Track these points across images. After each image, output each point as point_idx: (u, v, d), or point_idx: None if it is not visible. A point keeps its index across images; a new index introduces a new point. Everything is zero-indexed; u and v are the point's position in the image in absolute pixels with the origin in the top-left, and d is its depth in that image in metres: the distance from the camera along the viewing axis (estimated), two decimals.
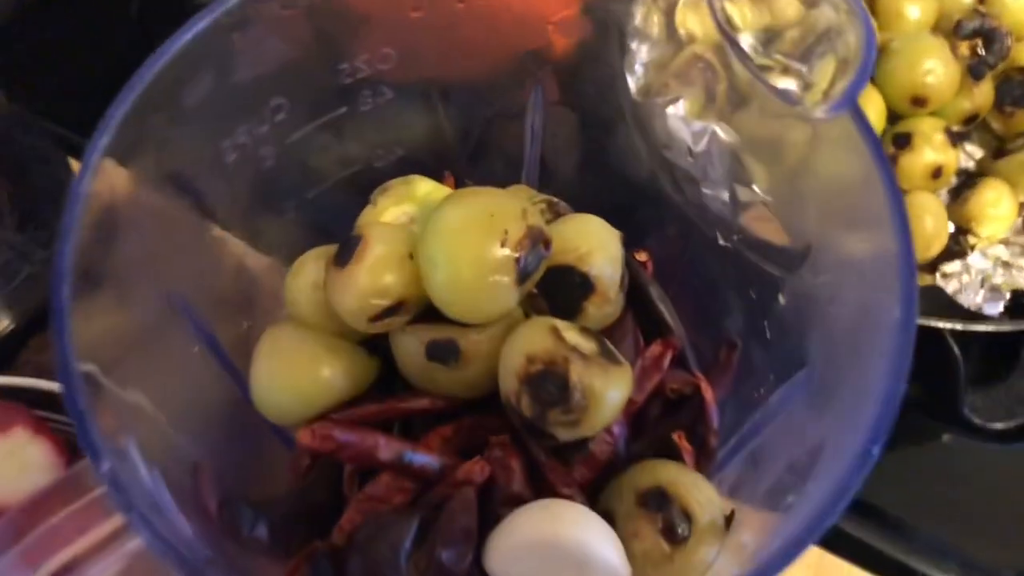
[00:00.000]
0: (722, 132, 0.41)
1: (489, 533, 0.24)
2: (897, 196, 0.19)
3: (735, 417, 0.26)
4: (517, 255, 0.23)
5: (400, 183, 0.27)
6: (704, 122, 0.41)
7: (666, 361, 0.27)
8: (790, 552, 0.15)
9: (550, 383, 0.23)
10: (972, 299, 0.45)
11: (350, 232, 0.25)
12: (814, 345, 0.22)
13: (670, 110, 0.32)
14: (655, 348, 0.27)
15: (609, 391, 0.24)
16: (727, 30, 0.22)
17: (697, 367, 0.28)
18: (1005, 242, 0.49)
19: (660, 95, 0.32)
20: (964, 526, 0.46)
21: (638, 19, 0.31)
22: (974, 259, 0.48)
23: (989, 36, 0.50)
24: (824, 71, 0.22)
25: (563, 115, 0.28)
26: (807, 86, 0.22)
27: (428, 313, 0.25)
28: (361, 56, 0.24)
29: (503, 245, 0.23)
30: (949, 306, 0.42)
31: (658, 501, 0.24)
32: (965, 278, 0.47)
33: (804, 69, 0.22)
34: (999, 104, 0.50)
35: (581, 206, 0.28)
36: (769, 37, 0.23)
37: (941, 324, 0.42)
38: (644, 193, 0.28)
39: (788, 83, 0.22)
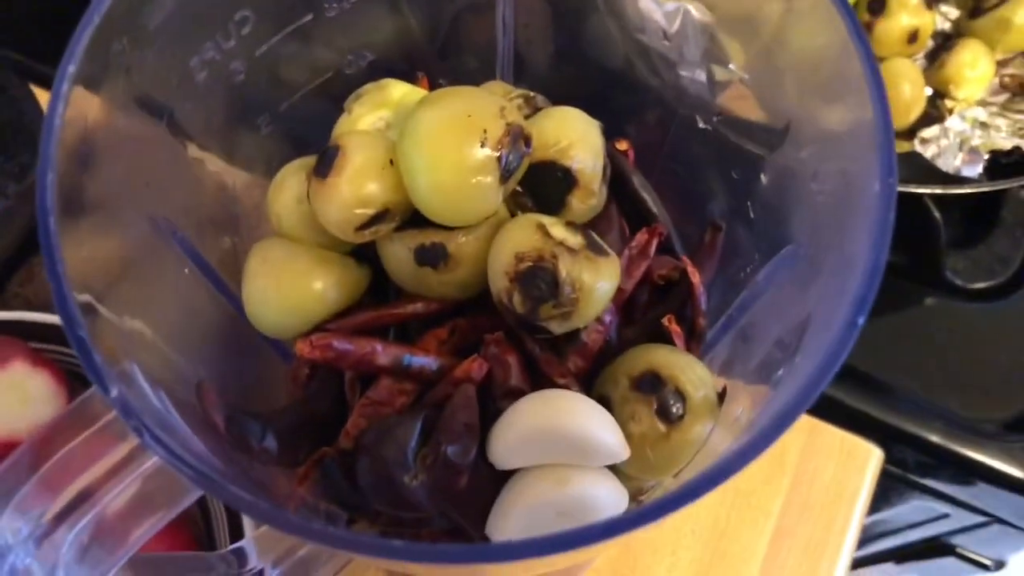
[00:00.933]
0: (695, 11, 0.40)
1: (491, 427, 0.24)
2: (873, 65, 0.19)
3: (723, 297, 0.26)
4: (498, 154, 0.23)
5: (374, 88, 0.27)
6: (677, 2, 0.40)
7: (652, 248, 0.27)
8: (782, 423, 0.16)
9: (540, 279, 0.24)
10: (951, 163, 0.45)
11: (327, 142, 0.25)
12: (798, 221, 0.22)
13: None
14: (641, 236, 0.27)
15: (598, 282, 0.24)
16: None
17: (684, 251, 0.28)
18: (983, 103, 0.49)
19: None
20: (947, 385, 0.47)
21: None
22: (952, 122, 0.48)
23: None
24: None
25: (534, 4, 0.27)
26: None
27: (414, 218, 0.25)
28: None
29: (483, 145, 0.23)
30: (928, 171, 0.43)
31: (652, 383, 0.24)
32: (944, 142, 0.47)
33: None
34: None
35: (558, 98, 0.28)
36: None
37: (921, 190, 0.42)
38: (621, 80, 0.28)
39: None
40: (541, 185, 0.26)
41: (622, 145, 0.29)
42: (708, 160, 0.27)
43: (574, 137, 0.26)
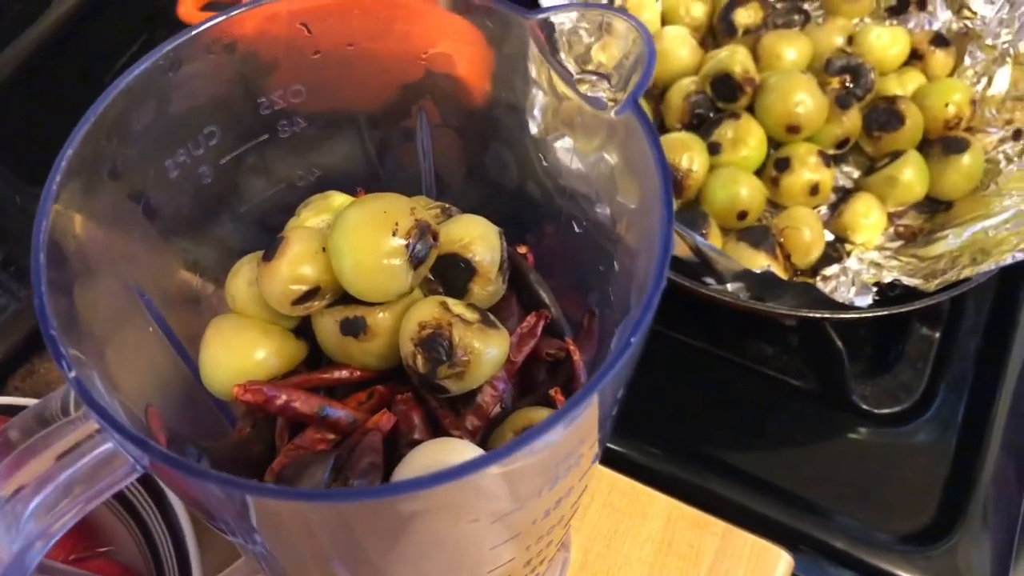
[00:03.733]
0: (608, 157, 0.47)
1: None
2: (666, 172, 0.24)
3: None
4: (407, 242, 0.29)
5: (319, 197, 0.33)
6: (597, 152, 0.47)
7: (539, 329, 0.32)
8: (555, 419, 0.20)
9: (438, 343, 0.29)
10: (845, 295, 0.51)
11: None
12: (632, 294, 0.27)
13: (559, 144, 0.37)
14: (530, 319, 0.32)
15: (488, 349, 0.29)
16: (549, 55, 0.28)
17: (570, 334, 0.33)
18: (880, 248, 0.55)
19: (554, 134, 0.37)
20: (855, 498, 0.51)
21: (533, 71, 0.36)
22: (851, 263, 0.54)
23: (856, 72, 0.57)
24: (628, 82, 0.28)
25: (446, 136, 0.34)
26: (613, 96, 0.28)
27: (342, 298, 0.31)
28: (276, 92, 0.30)
29: (395, 235, 0.29)
30: (823, 300, 0.48)
31: None
32: (842, 279, 0.53)
33: (612, 81, 0.28)
34: (868, 130, 0.57)
35: (474, 211, 0.33)
36: (586, 58, 0.29)
37: (814, 314, 0.47)
38: (521, 200, 0.34)
39: (598, 93, 0.28)
40: (447, 273, 0.31)
41: (522, 249, 0.35)
42: (589, 262, 0.33)
43: (475, 235, 0.32)
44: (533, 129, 0.34)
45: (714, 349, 0.55)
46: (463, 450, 0.28)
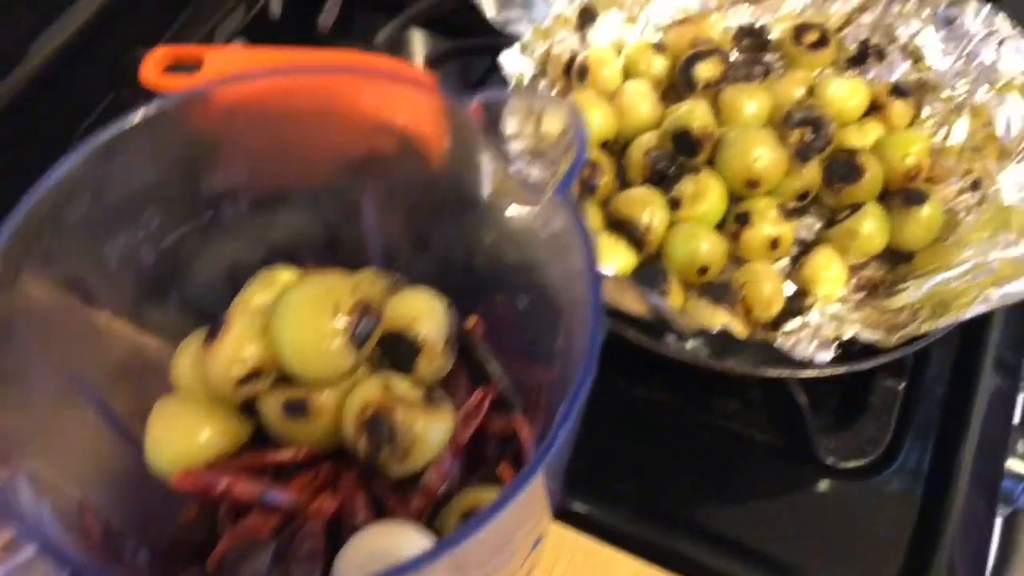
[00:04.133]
0: (546, 231, 0.47)
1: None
2: (592, 263, 0.25)
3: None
4: (348, 323, 0.29)
5: (266, 273, 0.33)
6: (538, 225, 0.47)
7: (485, 405, 0.32)
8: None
9: (380, 425, 0.29)
10: (805, 350, 0.51)
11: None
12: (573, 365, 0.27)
13: (506, 214, 0.36)
14: (476, 395, 0.32)
15: (431, 430, 0.29)
16: (494, 142, 0.29)
17: (522, 406, 0.33)
18: (843, 300, 0.56)
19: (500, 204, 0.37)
20: (822, 551, 0.51)
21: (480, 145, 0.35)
22: (813, 316, 0.54)
23: (815, 124, 0.58)
24: (559, 170, 0.28)
25: (393, 210, 0.34)
26: (548, 182, 0.28)
27: (286, 378, 0.31)
28: (217, 174, 0.30)
29: (336, 316, 0.29)
30: (783, 358, 0.48)
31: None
32: (803, 333, 0.53)
33: (549, 169, 0.28)
34: (828, 182, 0.58)
35: (424, 283, 0.33)
36: (527, 146, 0.30)
37: (772, 373, 0.47)
38: (471, 271, 0.34)
39: (535, 180, 0.28)
40: (393, 351, 0.31)
41: (472, 320, 0.35)
42: (536, 329, 0.33)
43: (420, 312, 0.32)
44: (484, 194, 0.34)
45: (678, 405, 0.55)
46: (407, 536, 0.28)
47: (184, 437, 0.31)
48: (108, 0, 0.68)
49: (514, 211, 0.31)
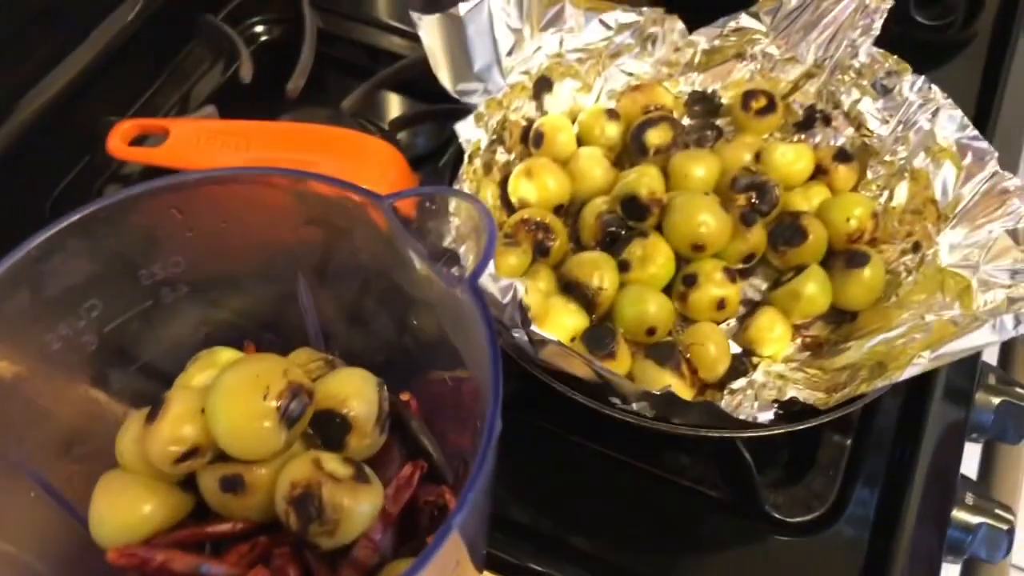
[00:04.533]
0: (520, 286, 0.50)
1: None
2: (495, 359, 0.27)
3: None
4: (278, 404, 0.31)
5: (207, 353, 0.35)
6: (509, 279, 0.49)
7: (415, 479, 0.34)
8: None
9: (309, 503, 0.31)
10: (749, 410, 0.53)
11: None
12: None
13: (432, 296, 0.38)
14: (406, 469, 0.34)
15: (359, 506, 0.31)
16: (406, 240, 0.31)
17: (452, 479, 0.35)
18: (788, 359, 0.58)
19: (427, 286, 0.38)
20: None
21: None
22: (757, 376, 0.56)
23: (760, 189, 0.60)
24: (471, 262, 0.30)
25: (325, 294, 0.36)
26: (461, 273, 0.30)
27: (223, 455, 0.33)
28: (156, 264, 0.32)
29: (266, 398, 0.31)
30: (727, 419, 0.50)
31: None
32: (748, 392, 0.55)
33: (460, 259, 0.30)
34: (773, 245, 0.60)
35: (360, 361, 0.35)
36: (456, 234, 0.32)
37: (714, 434, 0.49)
38: (403, 349, 0.36)
39: (452, 271, 0.30)
40: (325, 428, 0.33)
41: (405, 396, 0.37)
42: (465, 404, 0.34)
43: (351, 391, 0.34)
44: (407, 282, 0.36)
45: (628, 459, 0.57)
46: None
47: (127, 511, 0.33)
48: (86, 67, 0.71)
49: (435, 297, 0.33)
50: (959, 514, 0.58)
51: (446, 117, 0.64)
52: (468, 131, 0.59)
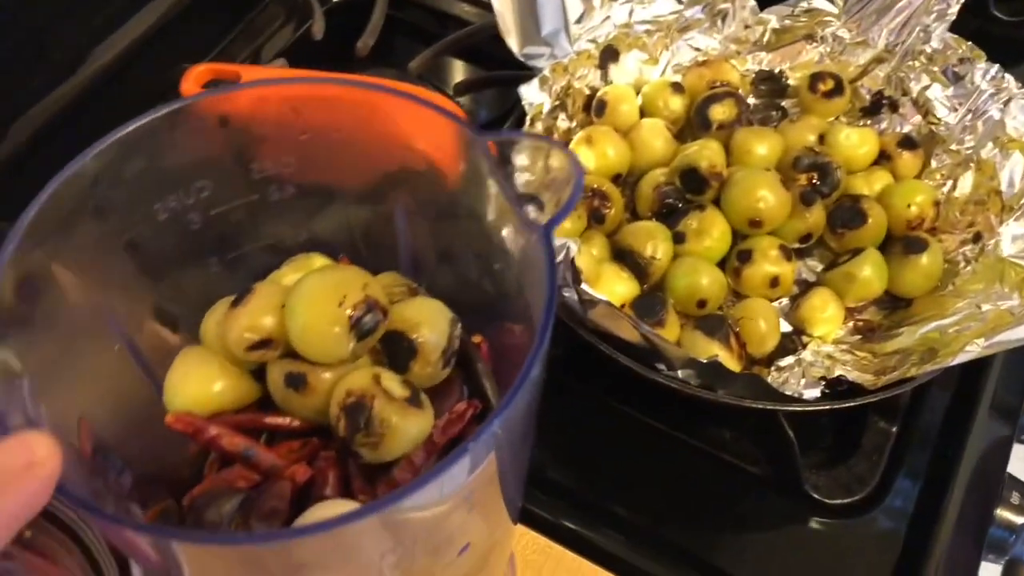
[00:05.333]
0: (573, 245, 0.51)
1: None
2: (551, 305, 0.28)
3: None
4: (351, 314, 0.32)
5: (303, 256, 0.37)
6: (564, 239, 0.51)
7: (467, 416, 0.35)
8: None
9: (359, 412, 0.32)
10: (795, 387, 0.54)
11: None
12: None
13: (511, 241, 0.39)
14: (460, 405, 0.35)
15: (405, 427, 0.33)
16: (499, 176, 0.32)
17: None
18: (838, 341, 0.58)
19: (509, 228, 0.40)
20: None
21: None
22: (806, 355, 0.57)
23: (823, 169, 0.61)
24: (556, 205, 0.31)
25: (420, 222, 0.37)
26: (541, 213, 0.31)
27: (293, 353, 0.34)
28: (267, 160, 0.34)
29: (341, 305, 0.32)
30: (772, 392, 0.51)
31: None
32: (795, 370, 0.56)
33: (545, 200, 0.31)
34: (831, 226, 0.61)
35: (441, 296, 0.36)
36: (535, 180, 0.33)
37: (758, 405, 0.50)
38: (482, 293, 0.37)
39: (531, 212, 0.32)
40: (393, 349, 0.35)
41: (477, 339, 0.38)
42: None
43: (424, 319, 0.35)
44: (490, 222, 0.38)
45: (670, 430, 0.58)
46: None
47: (198, 385, 0.35)
48: (162, 17, 0.74)
49: (513, 242, 0.34)
50: (1003, 513, 0.58)
51: (509, 84, 0.66)
52: (532, 94, 0.60)
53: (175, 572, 0.27)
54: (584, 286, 0.50)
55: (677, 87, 0.66)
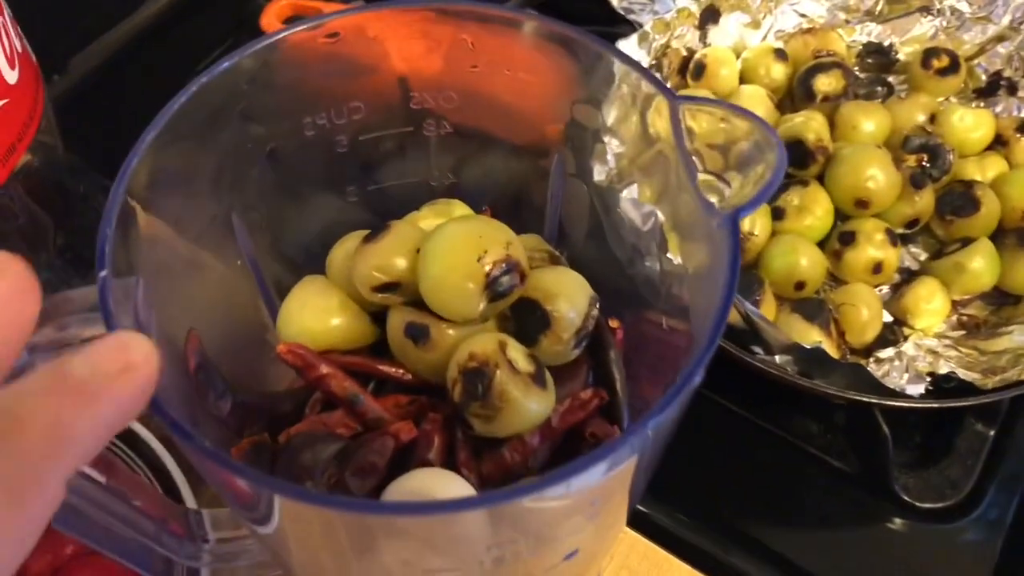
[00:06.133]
0: (660, 213, 0.48)
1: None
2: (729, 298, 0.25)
3: None
4: (488, 271, 0.30)
5: (444, 202, 0.36)
6: (651, 205, 0.48)
7: (592, 405, 0.33)
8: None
9: (479, 379, 0.30)
10: (897, 381, 0.51)
11: None
12: None
13: (624, 194, 0.37)
14: (586, 393, 0.33)
15: (525, 403, 0.30)
16: (686, 148, 0.29)
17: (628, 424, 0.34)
18: (941, 336, 0.56)
19: (621, 183, 0.38)
20: None
21: (612, 119, 0.36)
22: (907, 348, 0.55)
23: (934, 152, 0.58)
24: (743, 186, 0.28)
25: (576, 188, 0.35)
26: (725, 196, 0.28)
27: (420, 302, 0.32)
28: (430, 91, 0.32)
29: (479, 260, 0.30)
30: (873, 384, 0.48)
31: None
32: (896, 363, 0.53)
33: (733, 181, 0.29)
34: (940, 212, 0.58)
35: (584, 271, 0.34)
36: (714, 151, 0.30)
37: (862, 398, 0.48)
38: (630, 278, 0.35)
39: (712, 196, 0.29)
40: (524, 318, 0.32)
41: (614, 323, 0.35)
42: (670, 358, 0.33)
43: (561, 290, 0.33)
44: (599, 177, 0.35)
45: (756, 419, 0.56)
46: (457, 489, 0.29)
47: (315, 316, 0.33)
48: None
49: (679, 224, 0.31)
50: None
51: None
52: (631, 51, 0.57)
53: (263, 509, 0.25)
54: (669, 255, 0.48)
55: (780, 54, 0.63)
